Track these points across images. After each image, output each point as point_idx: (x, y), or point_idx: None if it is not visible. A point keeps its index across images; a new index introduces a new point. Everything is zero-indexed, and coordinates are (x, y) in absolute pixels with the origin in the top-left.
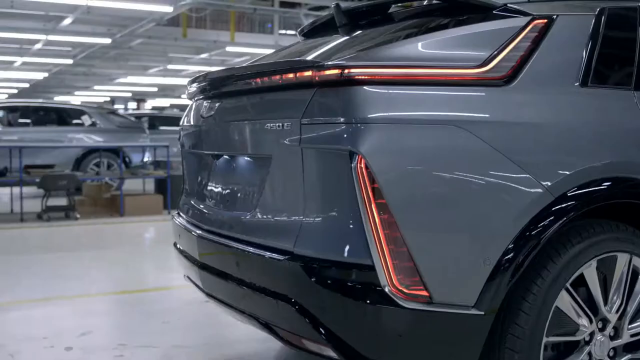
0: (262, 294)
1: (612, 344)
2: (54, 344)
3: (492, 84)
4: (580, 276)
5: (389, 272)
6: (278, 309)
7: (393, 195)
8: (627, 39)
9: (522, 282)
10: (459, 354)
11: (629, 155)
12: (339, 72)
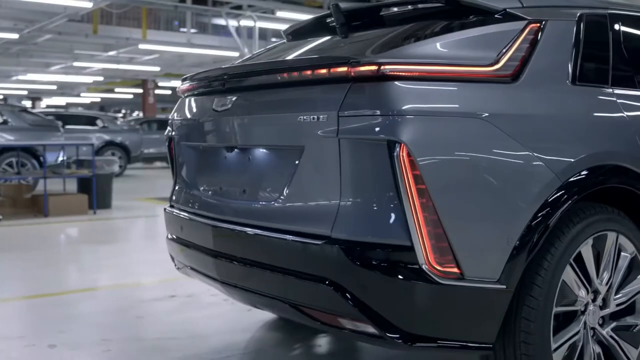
0: (294, 277)
1: (601, 313)
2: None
3: (502, 81)
4: (578, 253)
5: (426, 251)
6: (313, 291)
7: (432, 181)
8: (601, 42)
9: (536, 259)
10: (484, 324)
11: (614, 145)
12: (376, 69)
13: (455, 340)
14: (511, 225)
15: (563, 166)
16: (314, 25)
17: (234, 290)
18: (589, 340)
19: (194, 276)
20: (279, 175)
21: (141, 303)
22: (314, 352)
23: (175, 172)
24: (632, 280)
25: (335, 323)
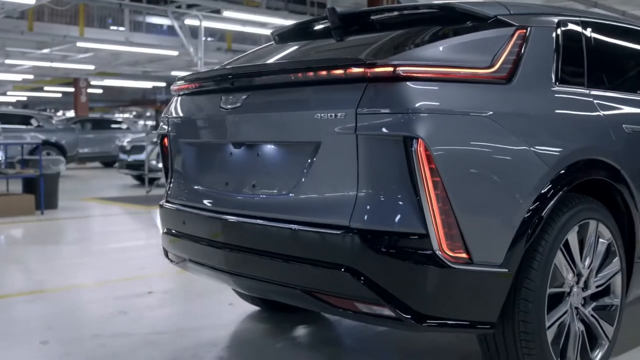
0: (310, 265)
1: (583, 294)
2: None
3: (498, 82)
4: (566, 240)
5: (439, 239)
6: (330, 277)
7: (445, 173)
8: (577, 47)
9: (533, 245)
10: (488, 305)
11: (594, 141)
12: (392, 70)
13: (463, 320)
14: (513, 213)
15: (555, 160)
16: (303, 28)
17: (242, 280)
18: (574, 319)
19: (192, 269)
20: (293, 170)
21: (120, 300)
22: (299, 342)
23: (170, 168)
24: (608, 264)
25: (351, 307)
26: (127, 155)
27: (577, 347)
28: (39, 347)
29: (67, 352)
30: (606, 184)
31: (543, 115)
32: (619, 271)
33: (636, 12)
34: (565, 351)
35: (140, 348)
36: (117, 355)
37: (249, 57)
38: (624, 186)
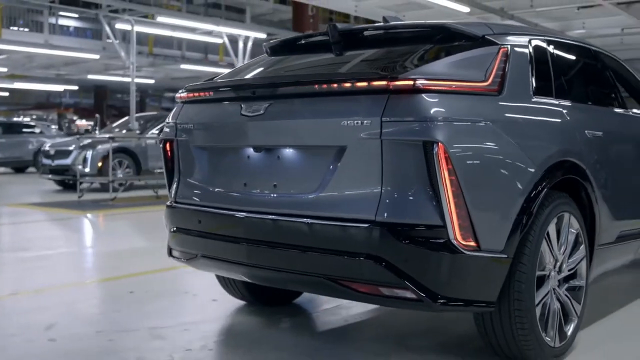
0: (337, 256)
1: (558, 277)
2: None
3: (492, 94)
4: (548, 230)
5: (454, 229)
6: (356, 266)
7: (460, 173)
8: (545, 63)
9: (525, 234)
10: (491, 286)
11: (567, 144)
12: (412, 83)
13: (471, 299)
14: (511, 207)
15: (541, 161)
16: (299, 42)
17: (261, 272)
18: (553, 299)
19: (202, 264)
20: (317, 170)
21: (107, 299)
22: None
23: (178, 171)
24: (577, 251)
25: (376, 292)
26: (51, 160)
27: (556, 322)
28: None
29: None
30: (574, 182)
31: (528, 123)
32: (584, 257)
33: (548, 25)
34: (547, 326)
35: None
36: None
37: (250, 69)
38: (588, 183)
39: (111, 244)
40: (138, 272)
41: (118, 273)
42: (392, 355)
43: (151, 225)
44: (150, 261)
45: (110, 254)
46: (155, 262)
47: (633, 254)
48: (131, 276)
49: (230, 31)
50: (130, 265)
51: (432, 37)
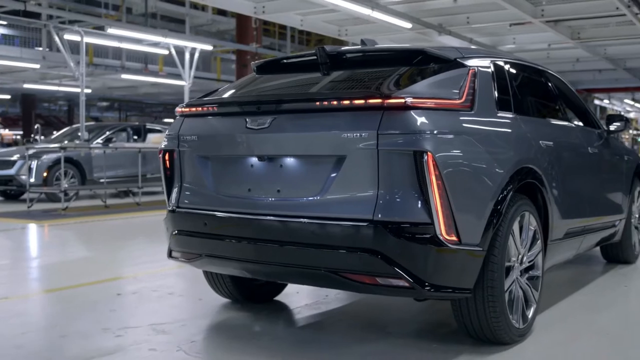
0: (338, 251)
1: (520, 268)
2: None
3: (466, 110)
4: (514, 227)
5: (440, 226)
6: (356, 259)
7: (445, 178)
8: (505, 81)
9: (496, 230)
10: (469, 275)
11: (525, 153)
12: (403, 101)
13: (453, 286)
14: (485, 207)
15: (507, 168)
16: (287, 62)
17: (264, 268)
18: (517, 286)
19: (205, 263)
20: (319, 177)
21: (101, 300)
22: (279, 324)
23: (180, 178)
24: (534, 245)
25: (373, 282)
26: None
27: (520, 307)
28: (58, 339)
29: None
30: (532, 185)
31: (495, 134)
32: (540, 251)
33: (481, 40)
34: (513, 310)
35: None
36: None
37: (245, 87)
38: (544, 187)
39: (80, 251)
40: (118, 277)
41: (98, 278)
42: (378, 340)
43: (111, 233)
44: (128, 266)
45: (85, 259)
46: (133, 268)
47: (576, 250)
48: (115, 280)
49: (178, 43)
50: (110, 270)
51: (412, 60)
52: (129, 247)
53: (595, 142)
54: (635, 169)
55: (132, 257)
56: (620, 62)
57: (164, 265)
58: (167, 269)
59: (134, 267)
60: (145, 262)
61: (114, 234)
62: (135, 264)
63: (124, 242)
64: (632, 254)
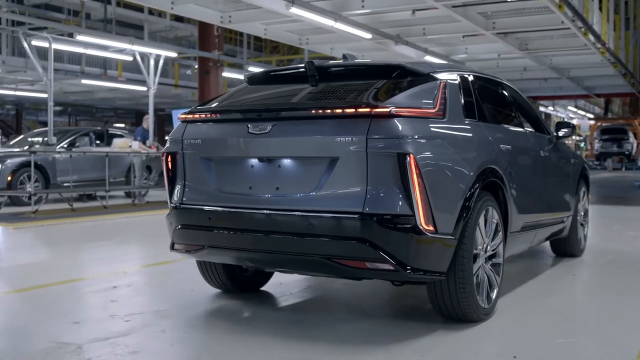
0: (332, 240)
1: (485, 255)
2: None
3: (439, 118)
4: (480, 219)
5: (420, 217)
6: (348, 247)
7: (425, 176)
8: (469, 92)
9: (466, 222)
10: (443, 260)
11: (488, 155)
12: (388, 110)
13: (430, 270)
14: (457, 202)
15: (474, 168)
16: (277, 74)
17: (263, 256)
18: (482, 271)
19: (208, 254)
20: (314, 176)
21: (99, 293)
22: (271, 309)
23: (183, 178)
24: (496, 236)
25: (362, 266)
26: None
27: (485, 289)
28: (71, 325)
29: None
30: (495, 184)
31: (464, 138)
32: (501, 241)
33: (436, 49)
34: (479, 291)
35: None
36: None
37: (241, 97)
38: (504, 185)
39: (65, 250)
40: (109, 272)
41: (91, 274)
42: (361, 321)
43: (90, 234)
44: (116, 263)
45: (71, 257)
46: (121, 264)
47: (530, 242)
48: (107, 274)
49: (144, 50)
50: (99, 266)
51: (391, 73)
52: (111, 245)
53: (546, 146)
54: (580, 171)
55: (118, 255)
56: (564, 71)
57: (151, 261)
58: (154, 265)
59: (122, 263)
60: (131, 260)
61: (93, 234)
62: (122, 260)
63: (105, 241)
64: (578, 248)
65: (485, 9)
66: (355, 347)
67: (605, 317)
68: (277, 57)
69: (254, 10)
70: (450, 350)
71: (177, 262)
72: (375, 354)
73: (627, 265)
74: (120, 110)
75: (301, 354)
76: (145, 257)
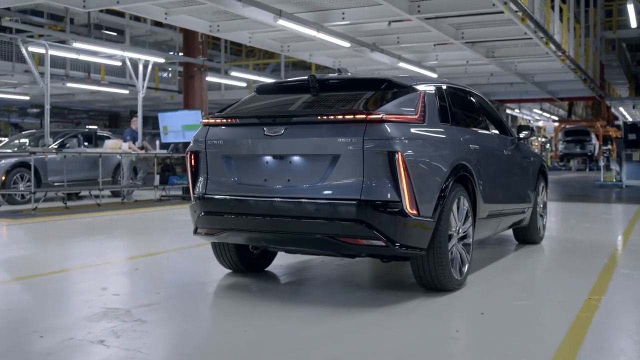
0: (336, 221)
1: (457, 236)
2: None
3: (420, 123)
4: (454, 206)
5: (406, 203)
6: (348, 227)
7: (410, 169)
8: (444, 101)
9: (442, 208)
10: (424, 238)
11: (460, 153)
12: (380, 117)
13: (414, 246)
14: (435, 191)
15: (449, 163)
16: (282, 85)
17: (277, 236)
18: (455, 249)
19: (228, 236)
20: (320, 170)
21: (125, 273)
22: (279, 285)
23: (205, 172)
24: (467, 221)
25: (359, 243)
26: None
27: (458, 264)
28: (111, 296)
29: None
30: (465, 177)
31: (440, 140)
32: (471, 225)
33: (408, 56)
34: (453, 265)
35: (198, 289)
36: (170, 297)
37: (254, 104)
38: (473, 179)
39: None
40: (126, 257)
41: (111, 259)
42: (355, 292)
43: (91, 228)
44: (130, 251)
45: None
46: (134, 252)
47: (495, 229)
48: (127, 259)
49: (134, 56)
50: (116, 253)
51: (380, 85)
52: (121, 237)
53: (509, 147)
54: (539, 168)
55: (129, 245)
56: (528, 76)
57: (163, 249)
58: (165, 252)
59: (136, 251)
60: (144, 248)
61: (100, 227)
62: (135, 249)
63: (114, 233)
64: (538, 236)
65: (455, 21)
66: (351, 310)
67: (557, 287)
68: (253, 60)
69: (241, 20)
70: (430, 310)
71: (189, 249)
72: (368, 315)
73: (579, 250)
74: (92, 112)
75: (306, 315)
76: (155, 246)
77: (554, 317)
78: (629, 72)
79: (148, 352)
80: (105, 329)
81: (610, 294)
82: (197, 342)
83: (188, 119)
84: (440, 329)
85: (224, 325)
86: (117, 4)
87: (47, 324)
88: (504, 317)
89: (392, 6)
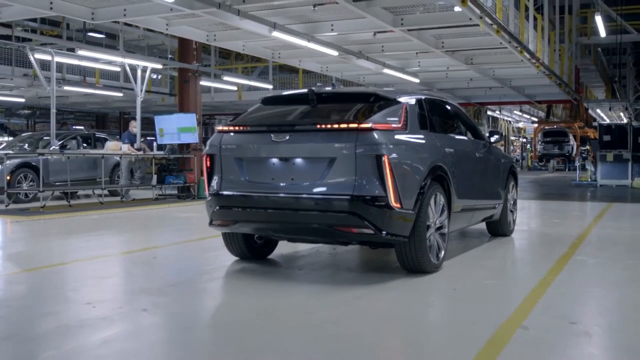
0: (333, 213)
1: (434, 227)
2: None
3: (403, 130)
4: (431, 201)
5: (391, 197)
6: (343, 218)
7: (394, 170)
8: (424, 111)
9: (421, 203)
10: (406, 227)
11: (437, 156)
12: (370, 126)
13: (397, 234)
14: (415, 188)
15: (427, 165)
16: (285, 97)
17: (281, 226)
18: (433, 238)
19: (239, 227)
20: (318, 170)
21: (145, 262)
22: (283, 269)
23: (220, 172)
24: (443, 214)
25: (352, 231)
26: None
27: (435, 251)
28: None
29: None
30: (441, 177)
31: (420, 144)
32: (447, 218)
33: (392, 63)
34: (431, 251)
35: (204, 278)
36: (190, 279)
37: (261, 114)
38: (448, 178)
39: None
40: (144, 248)
41: (130, 249)
42: (348, 273)
43: (101, 223)
44: (143, 242)
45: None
46: (147, 244)
47: (469, 221)
48: (145, 250)
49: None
50: (133, 244)
51: (369, 98)
52: (132, 231)
53: (481, 149)
54: (510, 168)
55: (142, 237)
56: (506, 81)
57: (174, 240)
58: (174, 244)
59: (150, 242)
60: (158, 240)
61: (108, 223)
62: (149, 240)
63: (124, 228)
64: (508, 229)
65: (436, 32)
66: (345, 287)
67: (520, 270)
68: (241, 64)
69: (237, 30)
70: (411, 287)
71: (196, 241)
72: (360, 290)
73: (545, 242)
74: (79, 113)
75: (307, 291)
76: (164, 239)
77: (514, 291)
78: (605, 76)
79: (188, 318)
80: (145, 301)
81: (563, 275)
82: (224, 311)
83: (183, 121)
84: (419, 300)
85: (239, 299)
86: (124, 17)
87: (99, 296)
88: (472, 291)
89: (377, 19)
